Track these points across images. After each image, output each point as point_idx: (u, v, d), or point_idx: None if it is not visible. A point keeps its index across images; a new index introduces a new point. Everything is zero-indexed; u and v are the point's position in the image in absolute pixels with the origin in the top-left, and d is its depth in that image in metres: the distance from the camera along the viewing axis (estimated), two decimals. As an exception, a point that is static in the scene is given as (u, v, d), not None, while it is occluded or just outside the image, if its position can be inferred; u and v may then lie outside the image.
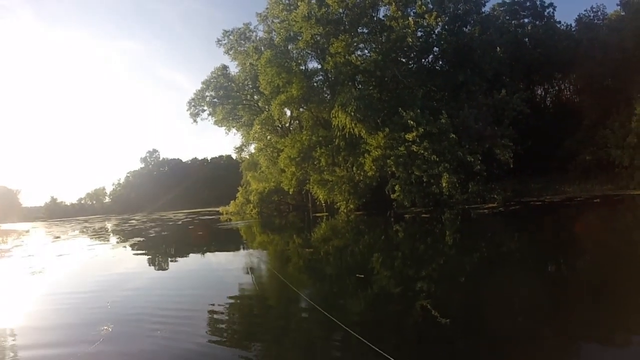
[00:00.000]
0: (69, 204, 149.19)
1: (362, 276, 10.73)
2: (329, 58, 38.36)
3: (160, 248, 24.21)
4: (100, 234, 39.30)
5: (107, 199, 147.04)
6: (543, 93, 49.36)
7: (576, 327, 6.51)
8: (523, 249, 14.40)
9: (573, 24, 46.37)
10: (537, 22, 46.87)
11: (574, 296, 8.13)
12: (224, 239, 27.32)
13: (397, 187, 34.39)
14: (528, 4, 47.27)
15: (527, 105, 35.92)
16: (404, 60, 40.05)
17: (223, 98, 55.13)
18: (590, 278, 9.54)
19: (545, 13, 47.32)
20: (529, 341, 6.01)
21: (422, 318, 7.12)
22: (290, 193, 46.16)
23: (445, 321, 6.60)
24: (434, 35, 38.56)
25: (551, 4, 47.13)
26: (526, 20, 47.54)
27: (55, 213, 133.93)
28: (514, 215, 25.49)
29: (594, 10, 45.02)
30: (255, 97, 53.93)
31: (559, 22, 47.39)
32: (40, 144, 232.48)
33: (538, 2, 47.20)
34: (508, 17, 47.26)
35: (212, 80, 55.48)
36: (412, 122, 33.35)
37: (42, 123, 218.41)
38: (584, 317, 6.86)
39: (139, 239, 30.41)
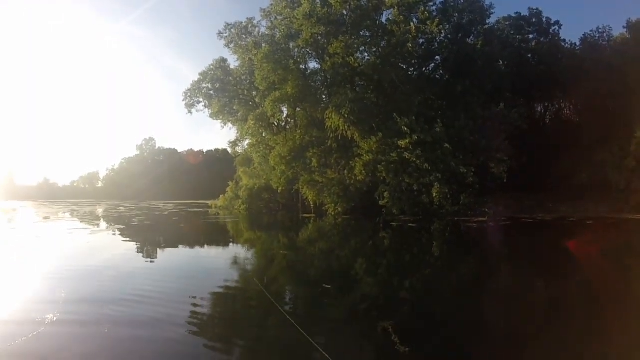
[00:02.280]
0: (61, 186, 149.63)
1: (329, 287, 10.03)
2: (327, 58, 37.69)
3: (136, 239, 23.51)
4: (84, 219, 38.92)
5: (100, 184, 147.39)
6: (543, 110, 49.00)
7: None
8: (507, 269, 13.71)
9: (578, 43, 46.04)
10: (542, 39, 46.47)
11: (551, 323, 7.44)
12: (204, 234, 26.64)
13: (386, 194, 33.78)
14: (534, 20, 46.79)
15: (525, 121, 35.40)
16: (404, 66, 39.42)
17: (219, 91, 54.36)
18: (575, 305, 8.82)
19: (551, 30, 46.89)
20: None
21: (381, 342, 6.42)
22: (279, 192, 45.54)
23: (404, 350, 5.90)
24: (435, 43, 37.93)
25: (557, 22, 46.80)
26: (531, 36, 47.08)
27: (47, 194, 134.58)
28: (503, 232, 24.80)
29: (600, 31, 44.68)
30: (254, 93, 53.13)
31: (564, 41, 47.03)
32: (38, 123, 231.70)
33: (544, 19, 46.79)
34: (513, 32, 46.74)
35: (209, 72, 54.75)
36: (406, 129, 32.77)
37: (39, 102, 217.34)
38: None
39: (120, 226, 30.30)
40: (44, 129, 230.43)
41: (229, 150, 67.36)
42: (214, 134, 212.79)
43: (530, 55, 45.36)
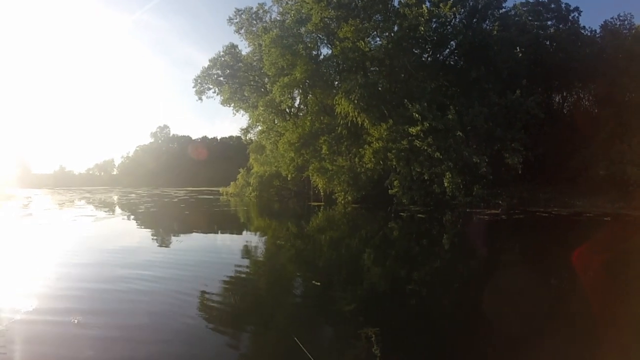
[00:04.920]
0: (77, 174, 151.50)
1: (319, 284, 9.32)
2: (337, 43, 36.69)
3: (137, 227, 23.63)
4: (95, 205, 39.72)
5: (115, 171, 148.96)
6: (561, 100, 47.33)
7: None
8: (518, 270, 12.42)
9: (598, 30, 44.35)
10: (561, 26, 44.79)
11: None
12: (207, 222, 26.17)
13: (395, 183, 32.93)
14: (552, 6, 45.05)
15: (542, 110, 34.06)
16: (417, 51, 38.28)
17: (229, 77, 53.92)
18: (585, 317, 7.83)
19: (570, 17, 45.19)
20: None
21: (362, 353, 5.67)
22: (290, 179, 44.88)
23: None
24: (449, 28, 36.50)
25: (577, 8, 44.92)
26: (549, 22, 45.35)
27: (63, 181, 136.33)
28: (517, 226, 23.75)
29: (621, 18, 42.67)
30: (265, 79, 52.47)
31: (584, 28, 45.27)
32: (54, 112, 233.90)
33: (563, 5, 45.02)
34: (530, 18, 45.02)
35: (219, 58, 54.34)
36: (417, 115, 31.77)
37: (55, 92, 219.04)
38: None
39: (126, 213, 31.30)
40: (59, 118, 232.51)
41: (242, 137, 67.17)
42: (228, 121, 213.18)
43: (548, 42, 43.64)
